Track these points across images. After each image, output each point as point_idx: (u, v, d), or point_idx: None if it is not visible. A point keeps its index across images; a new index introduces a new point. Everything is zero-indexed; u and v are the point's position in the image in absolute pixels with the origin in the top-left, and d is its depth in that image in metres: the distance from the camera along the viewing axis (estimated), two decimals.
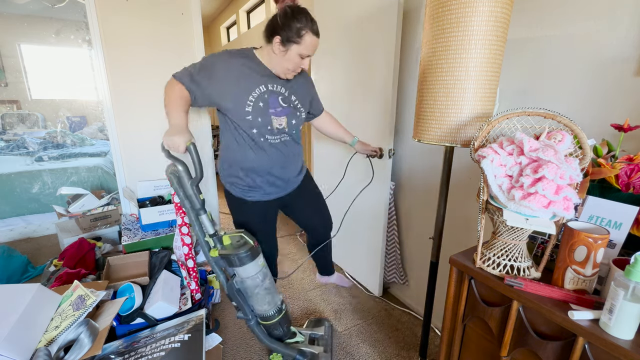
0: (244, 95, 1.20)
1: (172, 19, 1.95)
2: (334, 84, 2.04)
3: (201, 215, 1.21)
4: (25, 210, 2.94)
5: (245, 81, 1.21)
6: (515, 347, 0.81)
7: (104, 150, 3.66)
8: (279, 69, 1.22)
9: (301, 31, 1.12)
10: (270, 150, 1.30)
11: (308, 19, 1.13)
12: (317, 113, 1.54)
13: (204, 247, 1.24)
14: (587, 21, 1.00)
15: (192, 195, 1.18)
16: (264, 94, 1.23)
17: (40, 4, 3.85)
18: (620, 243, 0.77)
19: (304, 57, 1.19)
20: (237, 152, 1.30)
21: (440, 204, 1.18)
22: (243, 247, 1.20)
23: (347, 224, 2.07)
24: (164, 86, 1.22)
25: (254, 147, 1.28)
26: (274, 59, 1.20)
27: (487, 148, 0.80)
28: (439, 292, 1.53)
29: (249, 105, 1.21)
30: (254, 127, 1.24)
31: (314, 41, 1.16)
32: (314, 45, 1.18)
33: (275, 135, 1.29)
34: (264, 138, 1.27)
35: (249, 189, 1.35)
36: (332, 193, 2.02)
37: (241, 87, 1.20)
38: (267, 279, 1.29)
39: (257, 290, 1.26)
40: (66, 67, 4.59)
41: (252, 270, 1.23)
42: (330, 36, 1.94)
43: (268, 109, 1.24)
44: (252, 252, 1.21)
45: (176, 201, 1.61)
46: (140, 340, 1.30)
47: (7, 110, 4.43)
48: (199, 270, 1.79)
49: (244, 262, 1.20)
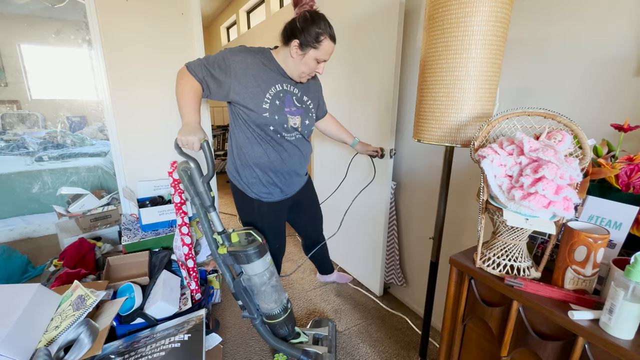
0: (262, 92, 1.21)
1: (172, 19, 1.95)
2: (335, 84, 2.04)
3: (211, 213, 1.22)
4: (25, 210, 2.94)
5: (263, 78, 1.21)
6: (515, 347, 0.81)
7: (104, 150, 3.66)
8: (294, 72, 1.23)
9: (320, 36, 1.14)
10: (290, 148, 1.31)
11: (327, 25, 1.15)
12: (321, 116, 1.55)
13: (211, 245, 1.24)
14: (587, 21, 1.00)
15: (202, 192, 1.19)
16: (279, 92, 1.24)
17: (40, 4, 3.85)
18: (620, 243, 0.77)
19: (320, 62, 1.21)
20: (254, 151, 1.28)
21: (440, 204, 1.18)
22: (251, 245, 1.20)
23: (347, 224, 2.07)
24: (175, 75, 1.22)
25: (273, 145, 1.28)
26: (290, 62, 1.21)
27: (487, 148, 0.80)
28: (439, 292, 1.53)
29: (266, 102, 1.21)
30: (270, 124, 1.23)
31: (331, 47, 1.18)
32: (330, 51, 1.20)
33: (290, 133, 1.30)
34: (280, 135, 1.27)
35: (267, 188, 1.34)
36: (334, 193, 2.03)
37: (259, 83, 1.20)
38: (274, 277, 1.29)
39: (263, 287, 1.26)
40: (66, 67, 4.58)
41: (260, 267, 1.23)
42: None
43: (284, 107, 1.25)
44: (260, 250, 1.21)
45: (176, 201, 1.61)
46: (140, 340, 1.30)
47: (7, 110, 4.43)
48: (199, 270, 1.79)
49: (252, 259, 1.20)
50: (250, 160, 1.30)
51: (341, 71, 1.96)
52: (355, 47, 1.81)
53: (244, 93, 1.19)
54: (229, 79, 1.18)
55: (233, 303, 1.91)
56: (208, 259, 1.99)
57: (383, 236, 1.84)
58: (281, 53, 1.23)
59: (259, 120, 1.22)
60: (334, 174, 2.18)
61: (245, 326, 1.73)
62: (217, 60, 1.19)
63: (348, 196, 2.00)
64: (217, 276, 1.90)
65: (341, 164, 2.07)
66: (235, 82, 1.18)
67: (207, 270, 1.90)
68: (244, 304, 1.30)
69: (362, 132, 1.82)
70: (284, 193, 1.39)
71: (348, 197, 2.00)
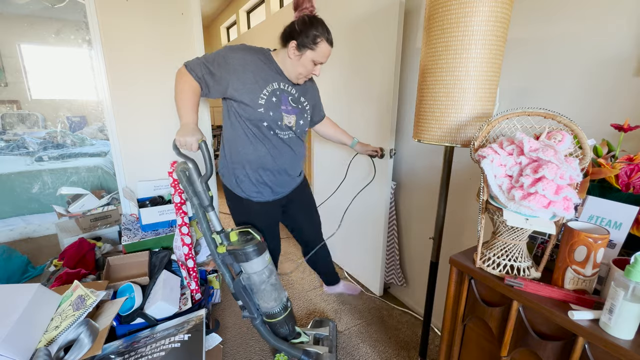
0: (259, 88, 1.22)
1: (172, 19, 1.95)
2: (334, 84, 2.04)
3: (209, 212, 1.23)
4: (25, 210, 2.94)
5: (261, 75, 1.23)
6: (515, 347, 0.81)
7: (104, 150, 3.66)
8: (292, 73, 1.25)
9: (317, 38, 1.18)
10: (281, 146, 1.32)
11: (324, 29, 1.19)
12: (317, 120, 1.56)
13: (210, 245, 1.24)
14: (587, 21, 1.00)
15: (201, 192, 1.20)
16: (276, 90, 1.26)
17: (40, 4, 3.84)
18: (620, 243, 0.77)
19: (316, 64, 1.24)
20: (245, 147, 1.29)
21: (440, 204, 1.18)
22: (250, 242, 1.21)
23: (348, 224, 2.07)
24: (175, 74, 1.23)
25: (265, 142, 1.29)
26: (288, 62, 1.24)
27: (487, 148, 0.80)
28: (439, 292, 1.53)
29: (262, 98, 1.23)
30: (265, 120, 1.25)
31: (327, 49, 1.21)
32: (327, 54, 1.23)
33: (284, 131, 1.31)
34: (273, 132, 1.28)
35: (256, 187, 1.34)
36: (334, 193, 2.03)
37: (257, 79, 1.22)
38: (273, 275, 1.29)
39: (263, 286, 1.26)
40: (66, 67, 4.58)
41: (259, 265, 1.23)
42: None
43: (280, 105, 1.27)
44: (259, 247, 1.22)
45: (176, 201, 1.61)
46: (140, 340, 1.30)
47: (7, 110, 4.43)
48: (199, 270, 1.79)
49: (250, 257, 1.21)
50: (240, 158, 1.31)
51: (340, 72, 1.96)
52: (355, 47, 1.81)
53: (241, 89, 1.21)
54: (228, 75, 1.19)
55: (233, 303, 1.91)
56: (208, 259, 1.99)
57: (383, 236, 1.84)
58: (280, 54, 1.26)
59: (254, 116, 1.23)
60: (334, 175, 2.18)
61: (245, 326, 1.73)
62: (217, 57, 1.20)
63: (348, 196, 2.00)
64: (217, 276, 1.90)
65: (341, 164, 2.07)
66: (234, 78, 1.20)
67: (207, 270, 1.90)
68: (244, 303, 1.30)
69: (361, 133, 1.82)
70: (275, 193, 1.39)
71: (348, 197, 2.00)
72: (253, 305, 1.31)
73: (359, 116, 1.88)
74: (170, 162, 1.96)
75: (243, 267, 1.24)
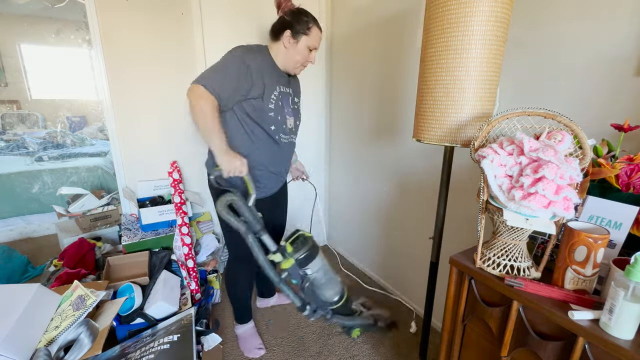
0: (268, 92, 1.23)
1: (172, 18, 1.95)
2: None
3: (262, 236, 1.13)
4: (25, 210, 2.94)
5: (273, 77, 1.25)
6: (515, 347, 0.81)
7: (104, 150, 3.66)
8: (289, 63, 1.27)
9: (309, 24, 1.23)
10: (284, 147, 1.34)
11: (311, 16, 1.25)
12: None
13: (268, 270, 1.11)
14: (587, 21, 1.00)
15: (250, 219, 1.10)
16: (280, 93, 1.27)
17: (40, 4, 3.84)
18: (620, 243, 0.77)
19: (311, 50, 1.26)
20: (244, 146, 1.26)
21: (440, 204, 1.18)
22: (306, 242, 1.11)
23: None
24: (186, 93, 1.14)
25: (265, 142, 1.29)
26: (283, 53, 1.25)
27: (487, 148, 0.80)
28: (439, 292, 1.53)
29: (272, 102, 1.24)
30: (272, 123, 1.26)
31: (319, 33, 1.26)
32: (319, 38, 1.27)
33: (287, 134, 1.33)
34: (278, 136, 1.30)
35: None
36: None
37: (266, 83, 1.23)
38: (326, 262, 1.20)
39: (325, 278, 1.16)
40: (66, 67, 4.58)
41: (320, 259, 1.15)
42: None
43: (284, 108, 1.29)
44: (314, 244, 1.13)
45: (176, 201, 1.61)
46: (130, 346, 1.29)
47: (7, 110, 4.43)
48: (199, 270, 1.79)
49: (314, 255, 1.12)
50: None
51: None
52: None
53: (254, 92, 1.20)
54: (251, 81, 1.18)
55: None
56: (208, 259, 1.98)
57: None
58: (273, 49, 1.27)
59: (263, 118, 1.23)
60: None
61: None
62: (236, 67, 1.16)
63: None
64: (217, 276, 1.90)
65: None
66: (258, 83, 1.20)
67: (207, 270, 1.89)
68: (317, 304, 1.18)
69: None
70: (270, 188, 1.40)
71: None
72: (321, 301, 1.19)
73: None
74: (170, 162, 1.96)
75: (307, 269, 1.12)
